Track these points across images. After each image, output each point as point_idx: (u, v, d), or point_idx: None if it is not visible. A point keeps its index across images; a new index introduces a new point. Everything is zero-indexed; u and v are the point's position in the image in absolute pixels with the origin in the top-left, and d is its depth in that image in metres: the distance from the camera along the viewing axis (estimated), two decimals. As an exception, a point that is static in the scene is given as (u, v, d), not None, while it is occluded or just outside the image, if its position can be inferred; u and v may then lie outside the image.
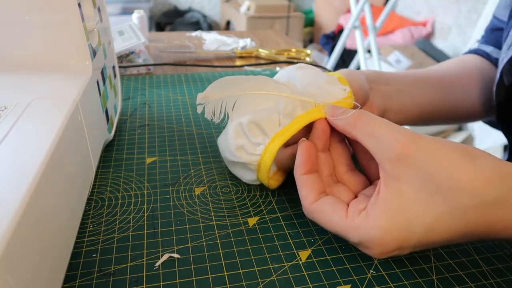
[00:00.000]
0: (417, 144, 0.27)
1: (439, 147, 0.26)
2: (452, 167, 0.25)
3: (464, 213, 0.25)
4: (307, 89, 0.35)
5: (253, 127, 0.34)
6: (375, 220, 0.27)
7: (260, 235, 0.32)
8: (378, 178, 0.32)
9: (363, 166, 0.33)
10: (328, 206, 0.29)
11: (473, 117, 0.55)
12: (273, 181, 0.36)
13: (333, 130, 0.32)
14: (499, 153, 1.55)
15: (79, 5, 0.35)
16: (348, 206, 0.29)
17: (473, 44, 0.58)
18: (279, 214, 0.34)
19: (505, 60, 0.44)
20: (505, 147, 1.56)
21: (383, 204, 0.27)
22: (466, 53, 0.57)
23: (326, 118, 0.32)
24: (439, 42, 2.40)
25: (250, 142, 0.34)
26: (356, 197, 0.31)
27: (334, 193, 0.31)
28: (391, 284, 0.28)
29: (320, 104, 0.34)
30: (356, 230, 0.27)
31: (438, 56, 2.26)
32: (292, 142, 0.36)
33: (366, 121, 0.29)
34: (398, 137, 0.27)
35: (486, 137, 1.69)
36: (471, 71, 0.53)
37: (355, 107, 0.33)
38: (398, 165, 0.27)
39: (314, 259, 0.30)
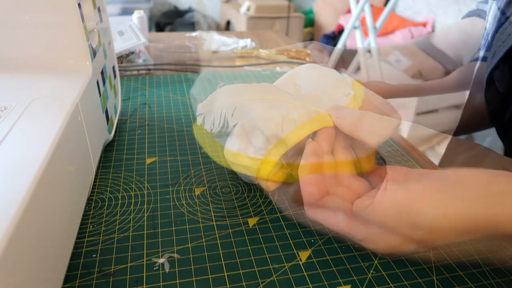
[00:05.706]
0: None
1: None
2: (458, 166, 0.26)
3: (469, 206, 0.26)
4: (310, 93, 0.35)
5: (256, 132, 0.34)
6: (381, 216, 0.27)
7: (260, 235, 0.32)
8: (381, 183, 0.33)
9: (366, 174, 0.34)
10: (331, 204, 0.29)
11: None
12: (272, 183, 0.36)
13: (337, 136, 0.33)
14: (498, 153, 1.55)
15: (79, 5, 0.35)
16: (352, 205, 0.29)
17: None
18: (279, 214, 0.34)
19: (490, 69, 0.43)
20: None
21: (389, 199, 0.27)
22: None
23: (330, 127, 0.33)
24: (439, 42, 2.40)
25: (252, 146, 0.34)
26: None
27: (337, 194, 0.31)
28: (391, 284, 0.28)
29: (324, 112, 0.33)
30: (362, 226, 0.28)
31: (438, 56, 2.26)
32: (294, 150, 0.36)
33: (368, 122, 0.30)
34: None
35: (487, 136, 1.69)
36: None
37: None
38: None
39: (314, 259, 0.30)
